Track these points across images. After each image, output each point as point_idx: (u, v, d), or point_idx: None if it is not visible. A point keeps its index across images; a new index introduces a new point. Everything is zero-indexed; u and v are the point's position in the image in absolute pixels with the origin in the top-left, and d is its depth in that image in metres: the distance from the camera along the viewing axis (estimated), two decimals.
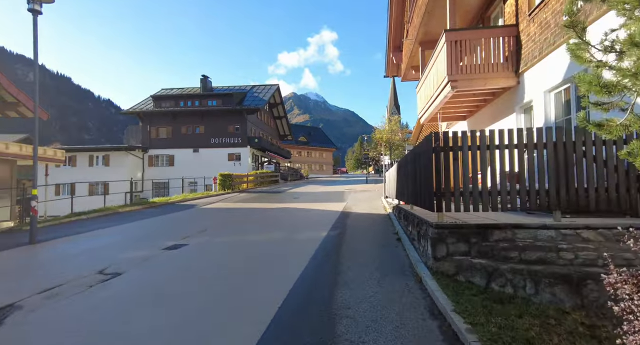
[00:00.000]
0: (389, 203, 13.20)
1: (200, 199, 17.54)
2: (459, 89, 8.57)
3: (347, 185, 28.86)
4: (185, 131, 35.77)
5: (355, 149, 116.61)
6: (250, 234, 8.31)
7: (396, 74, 18.34)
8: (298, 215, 11.46)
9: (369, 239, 7.30)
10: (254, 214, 11.93)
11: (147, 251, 6.58)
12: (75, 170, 33.93)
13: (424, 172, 5.26)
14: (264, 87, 40.65)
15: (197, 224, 9.94)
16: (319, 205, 14.34)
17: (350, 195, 19.01)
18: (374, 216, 10.74)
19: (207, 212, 12.71)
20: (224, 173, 23.04)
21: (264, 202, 15.90)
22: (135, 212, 12.66)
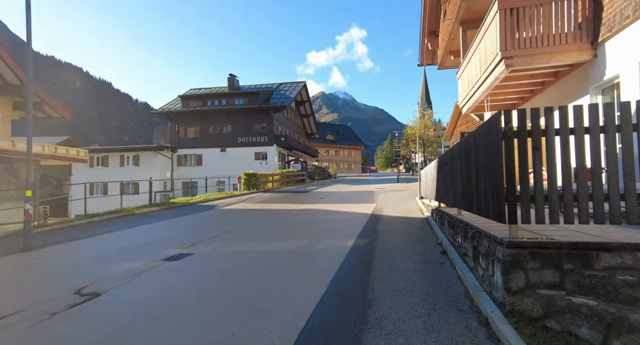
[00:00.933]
0: (425, 205, 11.71)
1: (222, 199, 16.80)
2: (515, 67, 7.02)
3: (377, 184, 27.34)
4: (213, 130, 35.64)
5: (384, 147, 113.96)
6: (265, 242, 7.21)
7: (431, 62, 16.69)
8: (322, 218, 10.28)
9: (405, 251, 5.97)
10: (274, 217, 10.88)
11: (144, 262, 5.65)
12: (107, 170, 34.72)
13: (485, 168, 3.89)
14: (290, 85, 39.85)
15: (211, 228, 9.01)
16: (346, 206, 13.09)
17: (381, 195, 17.58)
18: (409, 220, 9.35)
19: (226, 214, 11.82)
20: (248, 172, 22.30)
21: (288, 203, 14.87)
22: (152, 213, 12.00)
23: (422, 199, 13.99)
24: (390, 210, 11.53)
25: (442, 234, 6.92)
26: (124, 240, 7.62)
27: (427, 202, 11.83)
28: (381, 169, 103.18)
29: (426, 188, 11.67)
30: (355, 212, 11.29)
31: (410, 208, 12.08)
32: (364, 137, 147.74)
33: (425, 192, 12.31)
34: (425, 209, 11.01)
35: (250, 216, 11.12)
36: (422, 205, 12.19)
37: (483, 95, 9.14)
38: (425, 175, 11.70)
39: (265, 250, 6.34)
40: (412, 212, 10.95)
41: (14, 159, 13.14)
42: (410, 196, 16.65)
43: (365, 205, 13.21)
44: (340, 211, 11.73)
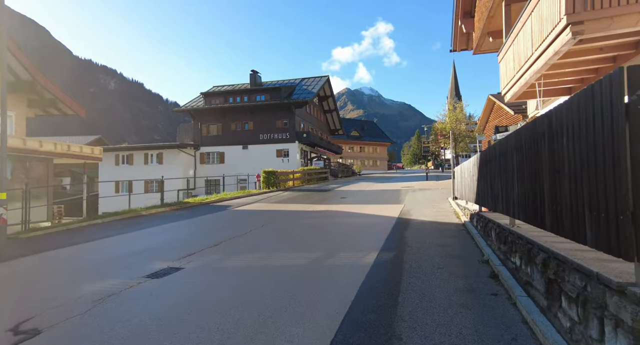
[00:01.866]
0: (461, 207, 10.21)
1: (238, 199, 15.93)
2: (585, 35, 5.47)
3: (404, 182, 25.72)
4: (235, 127, 35.15)
5: (412, 143, 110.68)
6: (269, 254, 6.09)
7: (465, 46, 14.94)
8: (342, 222, 9.05)
9: (442, 273, 4.65)
10: (288, 221, 9.77)
11: (119, 280, 4.67)
12: (132, 168, 35.02)
13: (577, 166, 2.53)
14: (313, 80, 38.69)
15: (216, 233, 8.01)
16: (370, 208, 11.79)
17: (408, 194, 16.10)
18: (443, 227, 7.95)
19: (237, 217, 10.85)
20: (267, 170, 21.40)
21: (306, 204, 13.75)
22: (160, 215, 11.24)
23: (456, 200, 12.45)
24: (420, 213, 10.13)
25: (487, 248, 5.53)
26: (113, 249, 6.74)
27: (463, 203, 10.32)
28: (408, 166, 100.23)
29: (462, 188, 10.16)
30: (379, 215, 9.99)
31: (444, 210, 10.61)
32: (391, 133, 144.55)
33: (460, 192, 10.80)
34: (462, 212, 9.53)
35: (262, 219, 10.06)
36: (457, 207, 10.69)
37: (534, 77, 7.55)
38: (461, 173, 10.20)
39: (267, 267, 5.20)
40: (446, 216, 9.50)
41: (27, 158, 12.80)
42: (441, 196, 15.08)
43: (391, 207, 11.86)
44: (363, 214, 10.45)
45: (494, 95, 43.34)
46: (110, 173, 35.30)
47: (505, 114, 39.58)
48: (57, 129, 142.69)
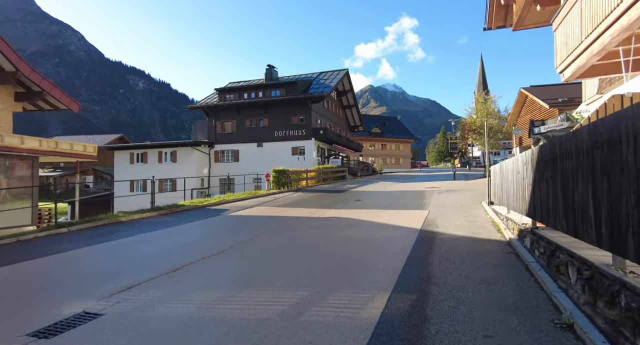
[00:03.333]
0: (500, 216, 8.09)
1: (240, 201, 14.34)
2: None
3: (429, 182, 23.42)
4: (249, 125, 33.82)
5: (437, 141, 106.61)
6: (235, 292, 4.31)
7: (503, 23, 12.62)
8: (348, 237, 7.18)
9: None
10: (284, 232, 8.00)
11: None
12: (146, 167, 34.41)
13: None
14: (331, 73, 36.76)
15: (188, 250, 6.35)
16: (387, 215, 9.84)
17: (434, 197, 13.98)
18: (482, 247, 5.90)
19: (226, 225, 9.20)
20: (277, 169, 19.77)
21: (314, 207, 11.96)
22: (141, 221, 9.75)
23: (492, 206, 10.28)
24: (448, 224, 8.09)
25: (561, 294, 3.50)
26: (44, 273, 5.20)
27: (502, 211, 8.19)
28: (433, 164, 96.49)
29: (502, 192, 8.04)
30: (397, 226, 8.05)
31: (478, 220, 8.51)
32: (415, 130, 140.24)
33: (499, 197, 8.66)
34: (503, 223, 7.41)
35: (254, 229, 8.35)
36: (495, 215, 8.55)
37: (612, 41, 5.40)
38: (501, 173, 8.07)
39: (217, 320, 3.42)
40: (482, 228, 7.43)
41: (6, 156, 11.70)
42: (473, 199, 12.88)
43: (413, 214, 9.86)
44: (377, 224, 8.53)
45: (526, 89, 40.02)
46: (125, 172, 34.86)
47: (539, 108, 36.25)
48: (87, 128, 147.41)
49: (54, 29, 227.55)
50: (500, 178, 8.18)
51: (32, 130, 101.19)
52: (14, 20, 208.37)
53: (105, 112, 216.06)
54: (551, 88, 38.83)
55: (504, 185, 7.76)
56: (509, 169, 7.03)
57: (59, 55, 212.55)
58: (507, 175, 7.17)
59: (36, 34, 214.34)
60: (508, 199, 7.19)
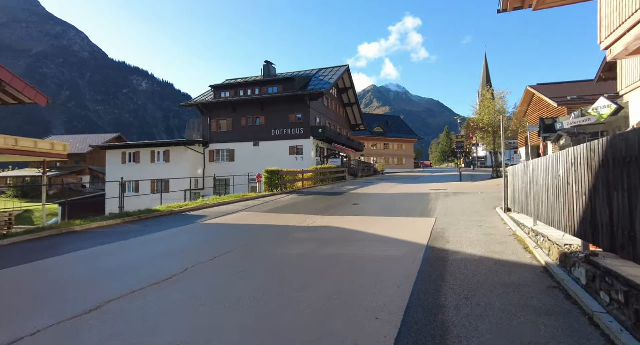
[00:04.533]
0: (523, 228, 6.60)
1: (223, 206, 12.91)
2: None
3: (434, 183, 21.91)
4: (245, 123, 32.41)
5: (440, 140, 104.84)
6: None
7: (521, 3, 11.09)
8: (335, 256, 5.71)
9: None
10: (260, 247, 6.55)
11: None
12: (138, 167, 33.12)
13: None
14: (331, 70, 35.27)
15: (130, 275, 4.92)
16: (387, 224, 8.38)
17: (440, 201, 12.49)
18: (510, 277, 4.37)
19: (196, 237, 7.77)
20: (270, 170, 18.32)
21: (306, 213, 10.53)
22: (101, 230, 8.34)
23: (510, 213, 8.78)
24: (461, 238, 6.60)
25: None
26: None
27: (525, 221, 6.70)
28: (436, 164, 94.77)
29: (526, 199, 6.55)
30: (397, 241, 6.58)
31: (496, 232, 7.01)
32: (418, 130, 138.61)
33: (521, 203, 7.17)
34: (531, 239, 5.89)
35: (223, 244, 6.90)
36: (515, 226, 7.04)
37: None
38: (525, 176, 6.57)
39: None
40: (503, 244, 5.93)
41: None
42: (485, 204, 11.38)
43: (416, 223, 8.39)
44: (373, 236, 7.06)
45: (533, 87, 38.37)
46: (117, 172, 33.53)
47: (547, 107, 34.56)
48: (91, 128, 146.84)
49: (58, 30, 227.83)
50: (525, 182, 6.68)
51: (34, 131, 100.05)
52: (19, 21, 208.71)
53: (109, 112, 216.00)
54: (559, 86, 37.19)
55: (530, 191, 6.26)
56: (539, 170, 5.53)
57: (63, 55, 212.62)
58: (537, 178, 5.67)
59: (40, 35, 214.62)
60: (538, 209, 5.69)
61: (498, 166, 26.09)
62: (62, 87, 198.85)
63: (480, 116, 24.87)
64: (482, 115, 24.81)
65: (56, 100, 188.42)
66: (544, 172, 5.18)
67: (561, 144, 14.18)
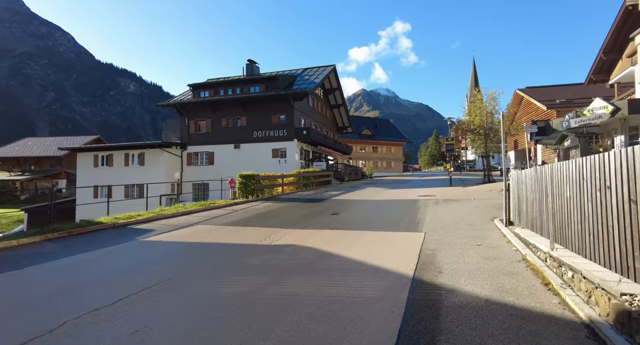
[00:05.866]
0: (535, 250, 5.13)
1: (181, 216, 11.23)
2: None
3: (423, 188, 20.53)
4: (226, 124, 30.67)
5: (429, 144, 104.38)
6: None
7: None
8: (291, 297, 4.14)
9: None
10: (192, 284, 4.94)
11: None
12: (111, 170, 31.05)
13: None
14: (317, 69, 33.80)
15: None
16: (366, 240, 6.86)
17: (430, 210, 11.04)
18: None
19: (117, 263, 6.09)
20: (245, 174, 16.68)
21: (274, 226, 8.95)
22: (5, 252, 6.60)
23: (511, 226, 7.35)
24: (457, 265, 5.11)
25: None
26: None
27: (536, 241, 5.25)
28: (425, 168, 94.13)
29: (540, 214, 5.11)
30: (375, 269, 5.04)
31: (501, 254, 5.54)
32: (407, 134, 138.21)
33: (530, 218, 5.73)
34: (551, 269, 4.40)
35: (148, 274, 5.27)
36: (523, 247, 5.57)
37: None
38: (539, 185, 5.12)
39: None
40: (514, 276, 4.45)
41: None
42: (480, 214, 9.96)
43: (401, 241, 6.87)
44: (345, 262, 5.51)
45: (521, 90, 37.62)
46: (89, 176, 31.43)
47: (536, 110, 33.74)
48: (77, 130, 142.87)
49: (43, 30, 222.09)
50: (538, 192, 5.22)
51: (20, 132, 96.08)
52: (2, 20, 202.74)
53: (96, 114, 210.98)
54: (547, 89, 36.49)
55: (546, 205, 4.80)
56: (564, 178, 4.06)
57: (48, 56, 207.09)
58: (561, 188, 4.20)
59: (25, 35, 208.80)
60: (561, 231, 4.22)
61: (489, 170, 24.95)
62: (46, 89, 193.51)
63: (471, 117, 23.65)
64: (472, 116, 23.59)
65: (40, 102, 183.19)
66: (575, 180, 3.71)
67: (565, 145, 12.95)
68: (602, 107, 13.84)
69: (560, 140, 13.49)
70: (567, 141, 13.28)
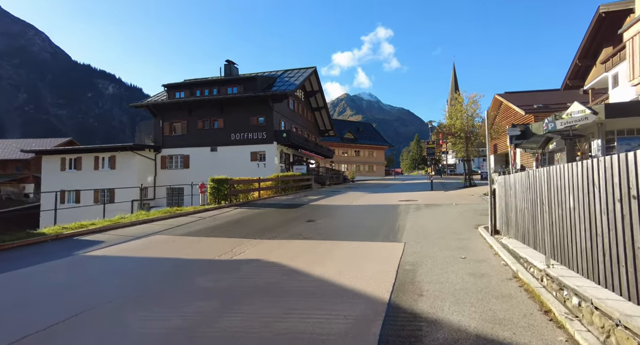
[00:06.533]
0: (527, 266, 4.48)
1: (140, 225, 10.18)
2: None
3: (404, 192, 20.01)
4: (202, 126, 29.49)
5: (411, 148, 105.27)
6: None
7: None
8: (232, 337, 3.30)
9: None
10: (115, 314, 4.04)
11: None
12: (80, 174, 29.29)
13: None
14: (297, 71, 33.05)
15: None
16: (340, 253, 6.09)
17: (410, 216, 10.40)
18: None
19: (41, 284, 5.11)
20: (217, 178, 15.69)
21: (241, 236, 8.08)
22: None
23: (498, 235, 6.75)
24: (441, 288, 4.39)
25: None
26: None
27: (527, 254, 4.61)
28: (407, 171, 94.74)
29: (530, 225, 4.48)
30: (345, 291, 4.26)
31: (489, 270, 4.87)
32: (389, 138, 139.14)
33: (521, 229, 5.10)
34: (550, 293, 3.74)
35: (70, 303, 4.34)
36: (512, 261, 4.92)
37: None
38: (532, 193, 4.49)
39: None
40: (506, 301, 3.76)
41: None
42: (463, 220, 9.37)
43: (379, 254, 6.14)
44: (312, 281, 4.72)
45: (500, 95, 38.05)
46: (55, 180, 29.51)
47: (515, 114, 34.09)
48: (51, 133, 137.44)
49: (15, 29, 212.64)
50: (531, 199, 4.57)
51: None
52: None
53: (71, 116, 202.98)
54: (525, 94, 37.04)
55: (541, 215, 4.16)
56: (568, 183, 3.39)
57: (20, 56, 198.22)
58: (562, 198, 3.54)
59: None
60: (562, 248, 3.56)
61: (470, 174, 24.76)
62: (18, 90, 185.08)
63: (452, 120, 23.39)
64: (454, 119, 23.32)
65: (12, 103, 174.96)
66: (581, 187, 3.06)
67: (550, 148, 12.61)
68: (580, 110, 13.69)
69: (544, 143, 13.19)
70: (551, 144, 12.99)
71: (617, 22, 18.46)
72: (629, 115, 12.96)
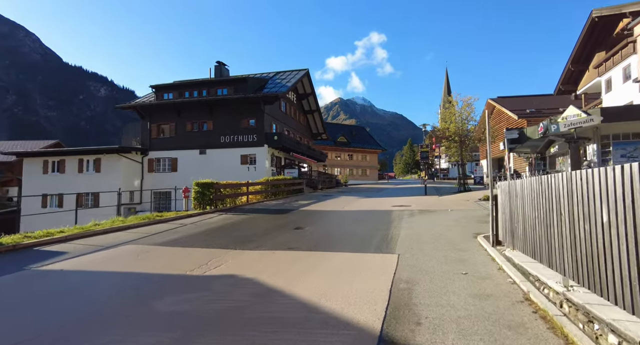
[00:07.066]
0: (542, 287, 3.84)
1: (113, 233, 9.40)
2: None
3: (398, 197, 19.41)
4: (191, 128, 28.67)
5: (404, 152, 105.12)
6: None
7: None
8: None
9: None
10: (68, 337, 3.32)
11: None
12: (63, 177, 28.23)
13: None
14: (289, 73, 32.45)
15: None
16: (326, 267, 5.42)
17: (404, 224, 9.77)
18: None
19: None
20: (202, 182, 14.94)
21: (220, 246, 7.38)
22: None
23: (499, 246, 6.13)
24: (442, 315, 3.74)
25: None
26: None
27: (526, 265, 4.00)
28: (400, 176, 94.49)
29: (544, 239, 3.86)
30: (328, 319, 3.58)
31: (496, 292, 4.24)
32: (383, 142, 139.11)
33: (530, 242, 4.49)
34: (576, 326, 3.12)
35: None
36: (520, 278, 4.30)
37: None
38: (547, 201, 3.87)
39: None
40: (522, 333, 3.13)
41: None
42: (462, 229, 8.76)
43: (370, 268, 5.47)
44: (291, 304, 4.04)
45: (493, 100, 37.90)
46: (37, 183, 28.41)
47: (507, 119, 33.84)
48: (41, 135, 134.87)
49: (4, 30, 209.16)
50: (544, 209, 3.94)
51: None
52: None
53: (62, 118, 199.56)
54: (518, 99, 36.95)
55: (559, 227, 3.54)
56: (597, 194, 2.77)
57: (10, 57, 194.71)
58: (591, 209, 2.92)
59: None
60: (595, 272, 2.94)
61: (465, 178, 24.30)
62: (7, 91, 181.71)
63: (446, 124, 22.93)
64: (447, 123, 22.87)
65: (0, 105, 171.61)
66: (620, 197, 2.44)
67: (552, 152, 12.11)
68: (576, 114, 13.32)
69: (545, 146, 12.70)
70: (554, 147, 12.51)
71: (610, 26, 18.24)
72: (625, 120, 12.62)
